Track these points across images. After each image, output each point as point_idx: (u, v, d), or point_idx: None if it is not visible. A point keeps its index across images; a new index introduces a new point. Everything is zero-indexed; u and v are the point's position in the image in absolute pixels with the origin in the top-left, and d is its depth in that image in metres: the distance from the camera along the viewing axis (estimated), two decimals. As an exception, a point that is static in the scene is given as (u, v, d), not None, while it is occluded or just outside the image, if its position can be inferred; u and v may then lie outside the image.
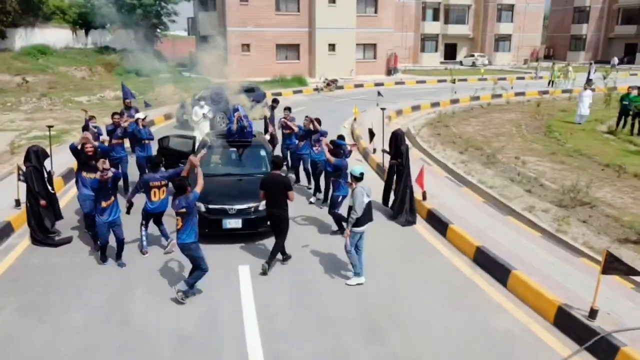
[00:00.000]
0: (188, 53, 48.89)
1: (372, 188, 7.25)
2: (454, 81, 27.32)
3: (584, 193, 10.54)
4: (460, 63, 56.13)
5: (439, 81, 36.35)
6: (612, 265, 5.60)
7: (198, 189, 6.73)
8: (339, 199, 8.79)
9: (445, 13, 57.22)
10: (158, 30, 43.53)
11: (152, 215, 7.96)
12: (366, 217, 7.06)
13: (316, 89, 30.59)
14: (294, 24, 37.01)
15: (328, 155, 8.74)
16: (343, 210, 8.69)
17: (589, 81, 31.15)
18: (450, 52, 60.00)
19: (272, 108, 13.63)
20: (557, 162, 14.12)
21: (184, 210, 6.51)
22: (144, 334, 5.93)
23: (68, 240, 8.35)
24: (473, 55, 55.76)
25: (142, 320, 6.18)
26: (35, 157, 8.14)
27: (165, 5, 41.46)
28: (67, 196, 10.89)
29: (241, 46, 35.79)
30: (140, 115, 11.28)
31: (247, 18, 35.31)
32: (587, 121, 20.12)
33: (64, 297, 6.68)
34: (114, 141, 10.53)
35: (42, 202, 8.18)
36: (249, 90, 20.01)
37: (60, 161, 12.93)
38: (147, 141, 10.75)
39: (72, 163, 12.69)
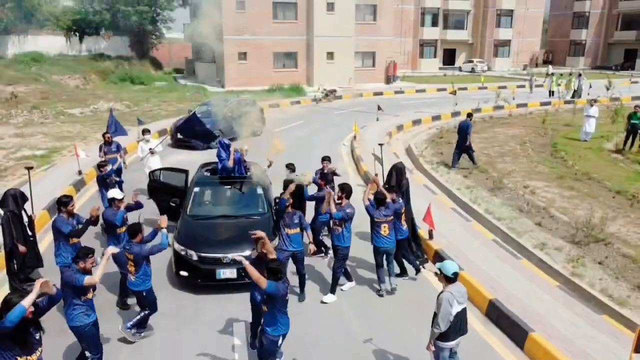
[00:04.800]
0: (184, 59, 48.44)
1: (466, 291, 5.61)
2: (454, 92, 26.78)
3: (599, 229, 10.01)
4: (459, 69, 55.75)
5: (439, 90, 35.87)
6: (647, 344, 5.06)
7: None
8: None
9: (444, 18, 56.80)
10: (154, 36, 43.02)
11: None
12: (455, 329, 5.47)
13: (314, 100, 30.02)
14: (291, 32, 36.46)
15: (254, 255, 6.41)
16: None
17: (574, 93, 30.79)
18: (449, 58, 59.59)
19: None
20: (565, 187, 13.58)
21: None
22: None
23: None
24: (472, 61, 55.36)
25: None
26: (14, 202, 7.56)
27: (160, 12, 40.97)
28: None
29: (238, 54, 35.23)
30: (116, 194, 7.58)
31: (243, 26, 34.73)
32: (592, 138, 19.63)
33: (42, 365, 6.10)
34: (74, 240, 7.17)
35: (21, 248, 7.61)
36: (246, 106, 19.43)
37: (48, 188, 12.41)
38: (123, 229, 7.49)
39: (59, 193, 12.18)
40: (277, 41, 35.92)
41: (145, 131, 12.78)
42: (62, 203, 7.12)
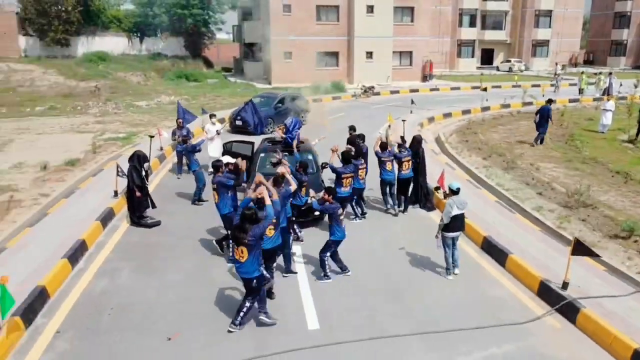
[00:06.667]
0: (232, 58, 51.87)
1: (466, 202, 8.48)
2: (485, 89, 28.70)
3: (586, 195, 12.12)
4: (497, 68, 56.97)
5: (473, 88, 37.60)
6: (579, 248, 7.36)
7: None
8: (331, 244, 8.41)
9: (482, 19, 58.17)
10: (206, 37, 46.48)
11: None
12: (455, 225, 8.17)
13: (354, 96, 32.52)
14: (333, 33, 39.08)
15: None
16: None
17: (604, 91, 32.00)
18: (487, 58, 60.83)
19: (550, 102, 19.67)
20: (571, 168, 15.61)
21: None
22: (224, 289, 8.06)
23: (158, 223, 10.65)
24: (509, 61, 56.46)
25: (222, 280, 8.33)
26: (137, 160, 10.47)
27: (213, 14, 44.33)
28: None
29: (283, 54, 38.04)
30: (229, 159, 10.84)
31: (289, 27, 37.51)
32: (610, 130, 21.33)
33: (164, 264, 8.91)
34: None
35: (138, 193, 10.47)
36: (294, 99, 22.16)
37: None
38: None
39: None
40: (320, 41, 38.62)
41: (212, 115, 15.49)
42: (217, 167, 9.28)
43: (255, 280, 6.83)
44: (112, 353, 6.50)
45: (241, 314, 6.95)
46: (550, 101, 19.82)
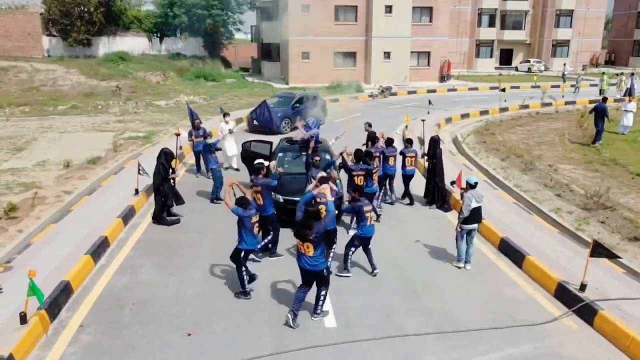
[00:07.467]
0: (250, 58, 52.24)
1: (483, 195, 8.84)
2: (503, 90, 28.44)
3: (605, 197, 12.00)
4: (516, 69, 56.36)
5: (491, 88, 37.29)
6: (598, 250, 7.33)
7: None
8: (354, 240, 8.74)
9: (501, 19, 57.62)
10: (224, 37, 46.85)
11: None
12: (474, 218, 8.53)
13: (371, 96, 32.53)
14: (351, 33, 39.09)
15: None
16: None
17: (626, 91, 31.38)
18: (505, 58, 60.22)
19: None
20: (591, 170, 15.45)
21: None
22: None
23: (177, 221, 10.86)
24: (529, 61, 55.81)
25: (241, 278, 8.45)
26: (165, 157, 10.71)
27: (232, 15, 44.67)
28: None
29: (301, 54, 38.21)
30: (264, 162, 9.86)
31: (307, 27, 37.61)
32: (630, 131, 21.02)
33: (184, 261, 9.09)
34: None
35: (173, 179, 10.87)
36: (311, 98, 22.28)
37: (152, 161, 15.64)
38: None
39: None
40: (337, 41, 38.69)
41: (226, 114, 15.57)
42: (257, 169, 9.22)
43: (325, 271, 7.17)
44: (134, 347, 6.66)
45: (320, 302, 7.34)
46: (605, 99, 20.38)
